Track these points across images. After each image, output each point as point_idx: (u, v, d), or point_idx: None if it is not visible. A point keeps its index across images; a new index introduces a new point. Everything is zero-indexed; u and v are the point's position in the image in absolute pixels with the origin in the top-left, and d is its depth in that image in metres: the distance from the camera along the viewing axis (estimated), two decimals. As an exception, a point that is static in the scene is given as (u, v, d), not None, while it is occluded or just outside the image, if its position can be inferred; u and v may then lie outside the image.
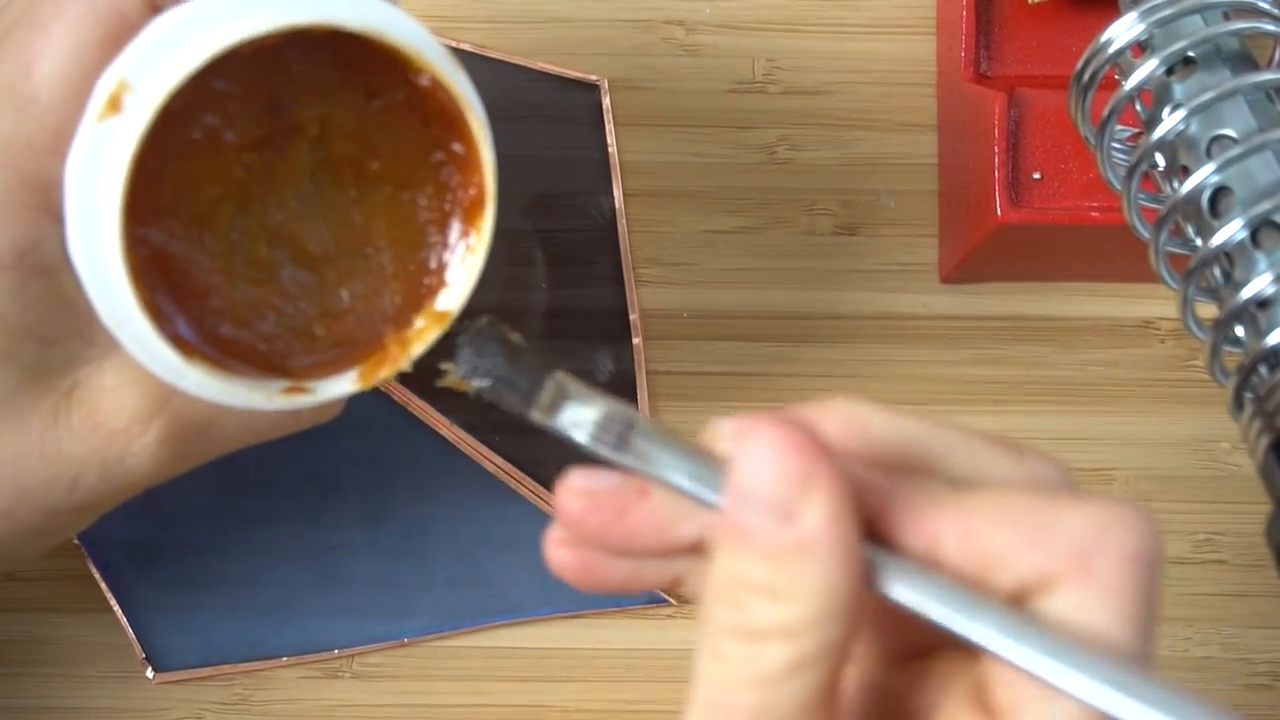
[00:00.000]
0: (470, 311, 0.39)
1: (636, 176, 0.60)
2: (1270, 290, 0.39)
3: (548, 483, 0.58)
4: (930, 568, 0.29)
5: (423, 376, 0.58)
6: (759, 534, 0.28)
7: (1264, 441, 0.38)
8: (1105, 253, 0.55)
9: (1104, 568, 0.28)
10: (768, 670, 0.28)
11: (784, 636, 0.28)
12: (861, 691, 0.33)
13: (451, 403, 0.58)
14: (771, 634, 0.28)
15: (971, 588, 0.29)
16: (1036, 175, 0.53)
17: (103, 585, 0.57)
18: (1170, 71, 0.43)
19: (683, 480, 0.30)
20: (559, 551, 0.32)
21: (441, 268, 0.42)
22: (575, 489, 0.31)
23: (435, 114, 0.40)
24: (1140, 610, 0.29)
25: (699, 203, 0.60)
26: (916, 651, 0.32)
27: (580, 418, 0.32)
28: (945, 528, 0.29)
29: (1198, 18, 0.43)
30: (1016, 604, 0.29)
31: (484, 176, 0.40)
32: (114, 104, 0.36)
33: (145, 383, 0.40)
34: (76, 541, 0.57)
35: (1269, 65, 0.44)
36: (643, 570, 0.32)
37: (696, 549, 0.31)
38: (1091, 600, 0.28)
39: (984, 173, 0.53)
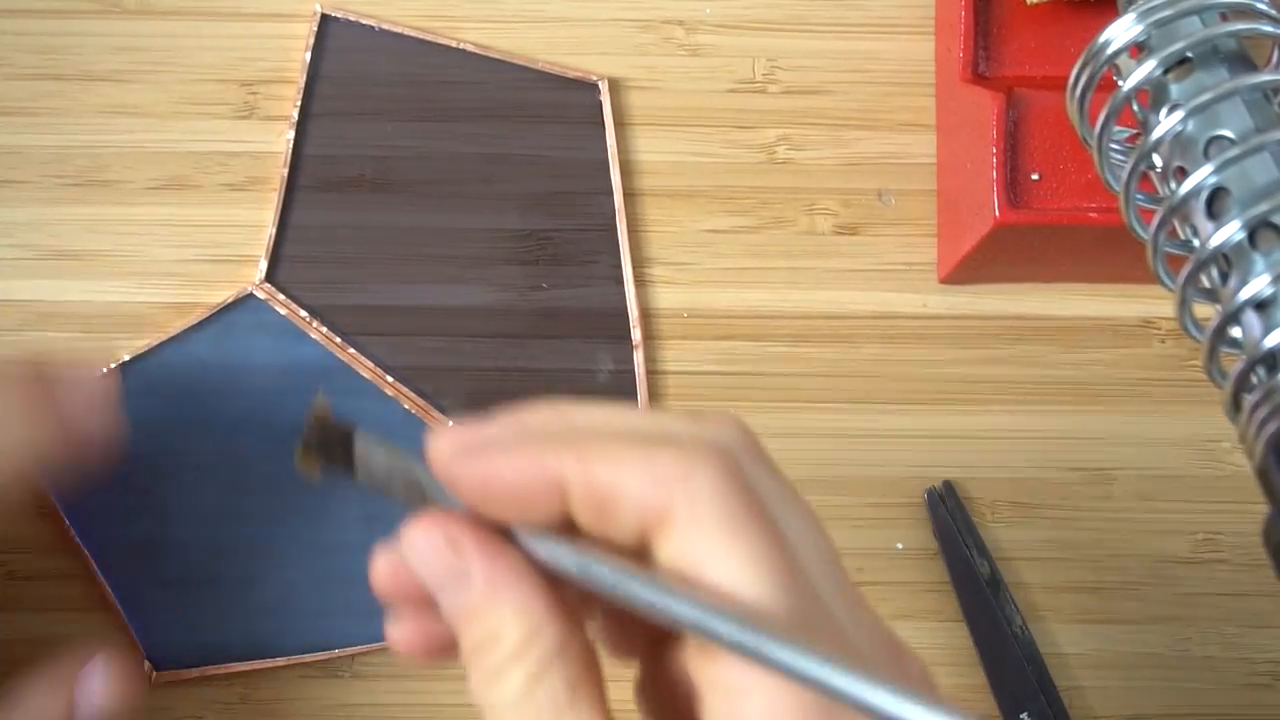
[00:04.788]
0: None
1: (637, 176, 0.60)
2: (1268, 291, 0.39)
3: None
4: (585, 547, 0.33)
5: (422, 375, 0.59)
6: (458, 606, 0.33)
7: (1261, 444, 0.38)
8: (1104, 253, 0.55)
9: (702, 504, 0.31)
10: (515, 693, 0.32)
11: (514, 661, 0.32)
12: (645, 682, 0.36)
13: (451, 402, 0.58)
14: (506, 665, 0.32)
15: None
16: (1035, 176, 0.53)
17: (103, 585, 0.57)
18: (1167, 72, 0.43)
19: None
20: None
21: None
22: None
23: None
24: (754, 543, 0.31)
25: (699, 203, 0.60)
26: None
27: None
28: (568, 471, 0.32)
29: (1196, 19, 0.43)
30: (642, 550, 0.32)
31: None
32: None
33: None
34: (76, 540, 0.57)
35: (1267, 66, 0.44)
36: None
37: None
38: (698, 540, 0.31)
39: (983, 173, 0.53)
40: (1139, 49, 0.44)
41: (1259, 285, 0.39)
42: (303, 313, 0.59)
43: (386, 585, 0.36)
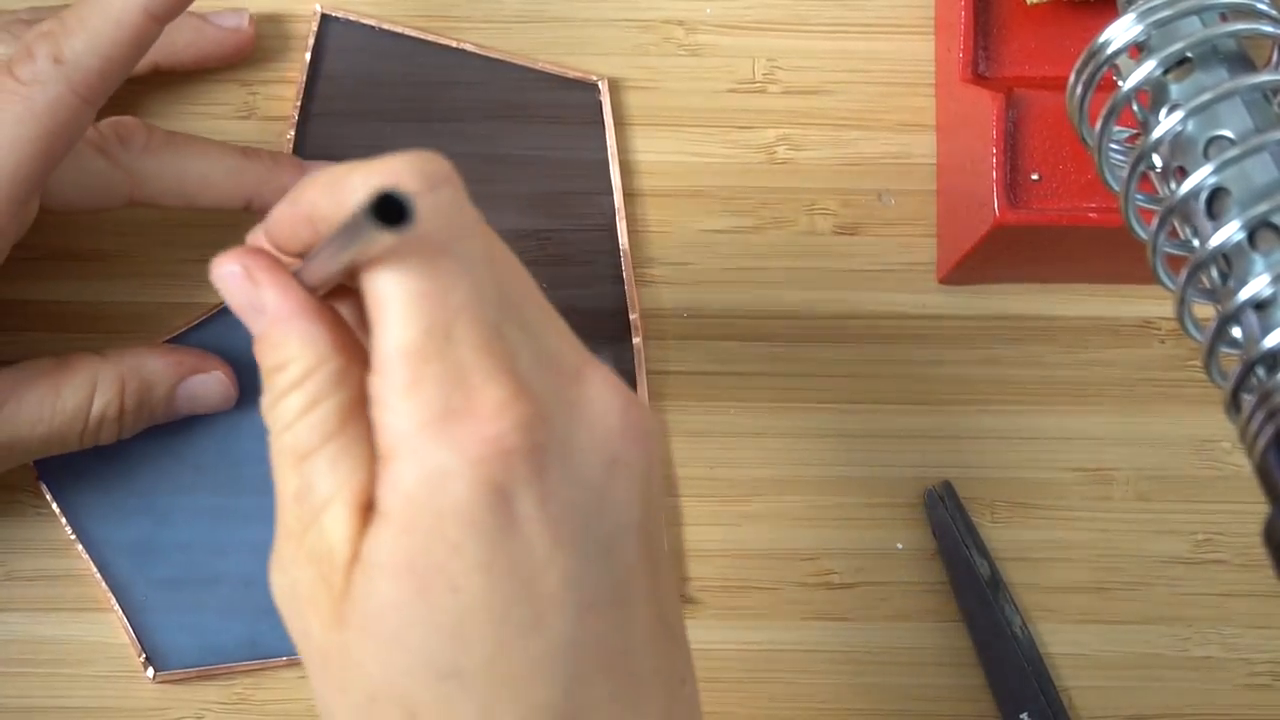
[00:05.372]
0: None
1: (637, 176, 0.60)
2: (1268, 292, 0.39)
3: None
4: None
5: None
6: (257, 333, 0.39)
7: (1261, 443, 0.38)
8: (1104, 253, 0.55)
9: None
10: (291, 414, 0.37)
11: (294, 388, 0.37)
12: None
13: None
14: (288, 390, 0.37)
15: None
16: (1035, 176, 0.53)
17: (103, 585, 0.57)
18: (1167, 72, 0.43)
19: None
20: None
21: None
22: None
23: None
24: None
25: (699, 203, 0.60)
26: None
27: None
28: (309, 203, 0.37)
29: (1196, 19, 0.43)
30: None
31: None
32: None
33: None
34: (75, 540, 0.57)
35: (1267, 66, 0.44)
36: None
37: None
38: None
39: (982, 173, 0.53)
40: (1139, 49, 0.44)
41: (1259, 285, 0.39)
42: (303, 313, 0.59)
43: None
